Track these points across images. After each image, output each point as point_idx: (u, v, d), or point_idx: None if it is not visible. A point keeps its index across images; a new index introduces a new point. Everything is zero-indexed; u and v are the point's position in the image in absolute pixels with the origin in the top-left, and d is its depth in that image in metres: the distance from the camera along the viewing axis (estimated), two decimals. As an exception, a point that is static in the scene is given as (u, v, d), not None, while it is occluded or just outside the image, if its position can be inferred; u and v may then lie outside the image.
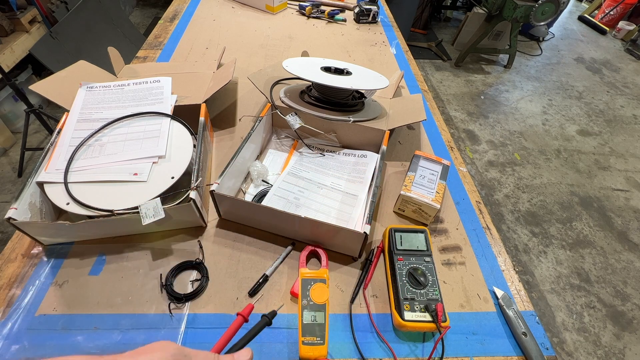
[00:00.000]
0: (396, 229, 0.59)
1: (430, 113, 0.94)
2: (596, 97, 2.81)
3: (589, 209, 1.92)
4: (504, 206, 1.89)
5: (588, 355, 1.36)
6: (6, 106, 1.84)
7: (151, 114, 0.68)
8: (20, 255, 0.56)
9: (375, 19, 1.33)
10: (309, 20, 1.32)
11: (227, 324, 0.50)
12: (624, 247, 1.74)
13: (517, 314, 0.53)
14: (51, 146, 0.62)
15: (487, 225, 0.68)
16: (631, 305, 1.52)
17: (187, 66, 0.87)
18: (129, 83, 0.75)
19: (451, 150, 0.83)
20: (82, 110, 0.68)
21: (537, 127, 2.45)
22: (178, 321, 0.50)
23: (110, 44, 0.85)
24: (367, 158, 0.73)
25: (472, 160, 2.16)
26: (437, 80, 2.83)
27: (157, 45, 1.09)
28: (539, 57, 3.25)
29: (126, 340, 0.48)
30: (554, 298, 1.52)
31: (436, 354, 0.49)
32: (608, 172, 2.16)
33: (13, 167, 1.78)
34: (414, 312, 0.49)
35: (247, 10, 1.34)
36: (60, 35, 1.93)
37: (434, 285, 0.52)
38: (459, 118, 2.47)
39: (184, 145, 0.64)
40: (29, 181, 0.56)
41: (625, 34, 3.59)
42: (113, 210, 0.53)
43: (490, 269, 0.61)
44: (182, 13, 1.28)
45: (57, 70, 0.73)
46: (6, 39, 1.84)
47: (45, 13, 2.06)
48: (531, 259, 1.66)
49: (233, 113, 0.86)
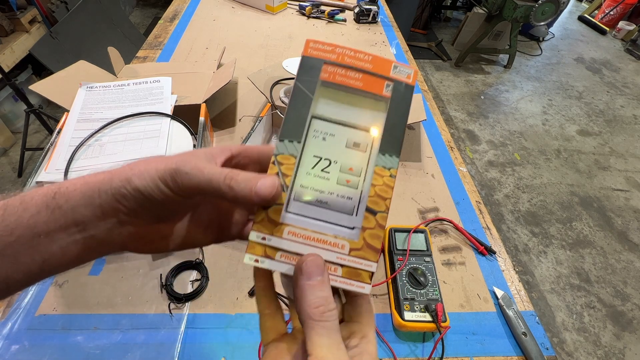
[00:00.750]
0: (396, 229, 0.59)
1: (430, 113, 0.94)
2: (596, 97, 2.81)
3: (589, 209, 1.92)
4: (504, 206, 1.89)
5: (588, 355, 1.36)
6: (6, 106, 1.84)
7: (151, 114, 0.68)
8: (20, 255, 0.56)
9: (375, 19, 1.33)
10: (309, 20, 1.32)
11: (227, 324, 0.51)
12: (624, 247, 1.74)
13: (517, 314, 0.53)
14: (51, 146, 0.62)
15: (487, 225, 0.68)
16: (631, 305, 1.52)
17: (187, 66, 0.87)
18: (129, 83, 0.75)
19: (451, 150, 0.83)
20: (82, 110, 0.68)
21: (537, 127, 2.45)
22: (178, 321, 0.50)
23: (110, 44, 0.85)
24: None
25: (472, 160, 2.16)
26: (437, 80, 2.83)
27: (157, 45, 1.09)
28: (539, 57, 3.25)
29: (126, 340, 0.48)
30: (554, 298, 1.52)
31: (436, 354, 0.49)
32: (608, 172, 2.16)
33: (13, 167, 1.78)
34: (414, 312, 0.49)
35: (247, 10, 1.34)
36: (60, 35, 1.93)
37: (434, 285, 0.52)
38: (459, 118, 2.47)
39: (184, 145, 0.64)
40: (29, 181, 0.56)
41: (625, 34, 3.60)
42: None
43: (490, 269, 0.61)
44: (182, 13, 1.28)
45: (57, 70, 0.73)
46: (6, 39, 1.84)
47: (45, 13, 2.06)
48: (531, 259, 1.66)
49: (233, 113, 0.86)
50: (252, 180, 0.20)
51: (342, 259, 0.23)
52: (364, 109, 0.25)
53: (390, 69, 0.25)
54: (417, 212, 0.69)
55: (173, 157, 0.22)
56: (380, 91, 0.25)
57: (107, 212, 0.21)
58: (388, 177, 0.24)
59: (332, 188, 0.23)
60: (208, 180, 0.20)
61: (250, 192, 0.20)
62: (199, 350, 0.48)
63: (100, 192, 0.21)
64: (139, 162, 0.22)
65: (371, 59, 0.25)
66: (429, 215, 0.68)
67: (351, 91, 0.25)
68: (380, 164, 0.24)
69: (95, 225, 0.22)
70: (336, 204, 0.23)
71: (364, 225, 0.23)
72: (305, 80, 0.24)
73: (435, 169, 0.78)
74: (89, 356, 0.46)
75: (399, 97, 0.25)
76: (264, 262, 0.22)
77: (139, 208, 0.22)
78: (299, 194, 0.23)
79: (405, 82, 0.25)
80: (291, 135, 0.24)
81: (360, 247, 0.23)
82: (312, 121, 0.24)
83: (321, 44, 0.25)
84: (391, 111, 0.25)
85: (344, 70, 0.25)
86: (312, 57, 0.25)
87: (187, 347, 0.48)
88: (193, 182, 0.20)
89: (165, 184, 0.21)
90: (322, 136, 0.24)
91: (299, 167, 0.23)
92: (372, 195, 0.24)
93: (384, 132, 0.24)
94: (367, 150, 0.24)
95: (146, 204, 0.21)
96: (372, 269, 0.23)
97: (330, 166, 0.24)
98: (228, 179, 0.20)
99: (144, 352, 0.47)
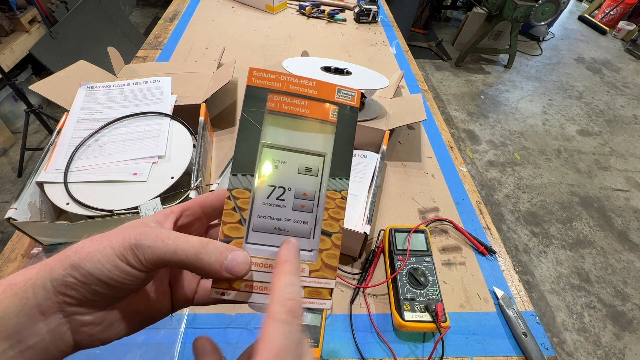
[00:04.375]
0: (396, 229, 0.59)
1: (431, 113, 0.93)
2: (596, 97, 2.80)
3: (589, 209, 1.92)
4: (504, 206, 1.89)
5: (588, 355, 1.36)
6: (6, 106, 1.84)
7: (151, 114, 0.68)
8: (20, 255, 0.56)
9: (375, 18, 1.33)
10: (309, 20, 1.32)
11: (227, 324, 0.51)
12: (624, 247, 1.74)
13: (517, 314, 0.53)
14: (51, 146, 0.62)
15: (487, 225, 0.68)
16: (631, 305, 1.52)
17: (187, 66, 0.87)
18: (129, 83, 0.75)
19: (451, 150, 0.83)
20: (82, 110, 0.68)
21: (537, 127, 2.45)
22: (178, 321, 0.50)
23: (110, 44, 0.85)
24: (367, 158, 0.73)
25: (472, 160, 2.16)
26: (437, 80, 2.83)
27: (157, 45, 1.09)
28: (539, 57, 3.25)
29: (126, 340, 0.48)
30: (554, 298, 1.52)
31: (436, 354, 0.49)
32: (608, 172, 2.16)
33: (13, 167, 1.78)
34: (414, 312, 0.49)
35: (247, 10, 1.34)
36: (60, 35, 1.93)
37: (434, 285, 0.52)
38: (459, 118, 2.47)
39: (183, 145, 0.64)
40: (28, 181, 0.55)
41: (625, 34, 3.59)
42: (113, 210, 0.53)
43: (490, 269, 0.61)
44: (182, 13, 1.28)
45: (57, 70, 0.73)
46: (6, 39, 1.85)
47: (45, 13, 2.06)
48: (531, 259, 1.66)
49: (233, 113, 0.86)
50: (223, 254, 0.19)
51: (304, 281, 0.24)
52: (313, 134, 0.25)
53: (335, 93, 0.26)
54: (417, 212, 0.69)
55: (125, 232, 0.19)
56: (326, 117, 0.26)
57: (48, 310, 0.18)
58: (340, 199, 0.25)
59: (288, 215, 0.24)
60: (173, 253, 0.19)
61: (220, 268, 0.19)
62: (199, 350, 0.48)
63: (35, 289, 0.18)
64: (83, 243, 0.19)
65: (315, 84, 0.26)
66: (429, 215, 0.68)
67: (298, 118, 0.25)
68: (332, 187, 0.25)
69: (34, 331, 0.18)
70: (294, 230, 0.24)
71: (320, 247, 0.24)
72: (252, 111, 0.25)
73: (435, 169, 0.78)
74: (89, 356, 0.46)
75: (345, 120, 0.26)
76: (230, 295, 0.23)
77: (90, 295, 0.18)
78: (257, 225, 0.24)
79: (350, 104, 0.26)
80: (244, 168, 0.24)
81: (319, 268, 0.24)
82: (263, 150, 0.25)
83: (265, 73, 0.25)
84: (338, 135, 0.26)
85: (289, 99, 0.25)
86: (256, 86, 0.25)
87: (187, 347, 0.48)
88: (157, 256, 0.19)
89: (127, 262, 0.18)
90: (274, 164, 0.24)
91: (254, 200, 0.24)
92: (326, 218, 0.25)
93: (332, 157, 0.25)
94: (318, 173, 0.25)
95: (101, 289, 0.18)
96: (332, 285, 0.24)
97: (285, 194, 0.24)
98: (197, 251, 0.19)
99: (144, 352, 0.47)
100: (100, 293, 0.19)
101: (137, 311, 0.22)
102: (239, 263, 0.20)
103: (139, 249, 0.18)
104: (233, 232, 0.23)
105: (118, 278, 0.18)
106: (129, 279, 0.19)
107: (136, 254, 0.18)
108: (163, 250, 0.19)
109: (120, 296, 0.21)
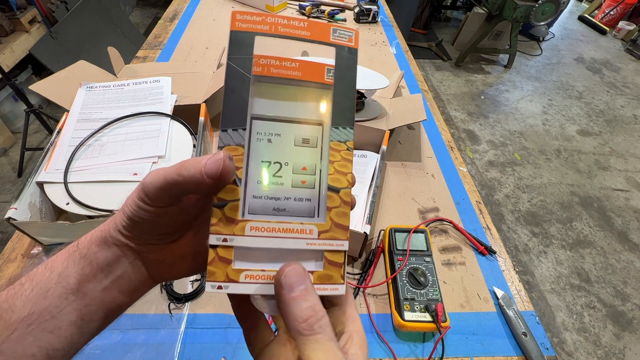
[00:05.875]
0: (396, 229, 0.59)
1: (430, 113, 0.93)
2: (596, 97, 2.80)
3: (589, 209, 1.92)
4: (504, 206, 1.89)
5: (588, 355, 1.36)
6: (6, 106, 1.84)
7: (151, 114, 0.68)
8: (20, 255, 0.56)
9: (375, 18, 1.33)
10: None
11: (227, 324, 0.51)
12: (624, 247, 1.74)
13: (517, 314, 0.53)
14: (51, 146, 0.62)
15: (487, 225, 0.68)
16: (631, 305, 1.52)
17: (187, 66, 0.87)
18: (129, 83, 0.75)
19: (451, 150, 0.83)
20: (82, 110, 0.68)
21: (537, 127, 2.45)
22: (178, 321, 0.50)
23: (110, 44, 0.85)
24: (367, 158, 0.73)
25: (472, 160, 2.16)
26: (437, 80, 2.83)
27: (157, 45, 1.09)
28: (539, 57, 3.25)
29: (126, 340, 0.48)
30: (554, 298, 1.52)
31: (436, 354, 0.49)
32: (608, 172, 2.16)
33: (13, 167, 1.78)
34: (414, 312, 0.49)
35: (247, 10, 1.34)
36: (60, 35, 1.93)
37: (434, 285, 0.52)
38: (459, 118, 2.47)
39: (183, 145, 0.64)
40: (28, 181, 0.55)
41: (625, 34, 3.59)
42: (113, 210, 0.53)
43: (490, 269, 0.61)
44: (182, 13, 1.28)
45: (57, 70, 0.73)
46: (6, 39, 1.85)
47: (45, 13, 2.06)
48: (531, 259, 1.66)
49: (233, 113, 0.86)
50: (200, 162, 0.20)
51: (313, 244, 0.21)
52: (307, 100, 0.23)
53: (330, 33, 0.23)
54: (417, 212, 0.69)
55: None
56: (321, 78, 0.23)
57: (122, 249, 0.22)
58: (345, 150, 0.22)
59: (287, 193, 0.22)
60: (164, 179, 0.20)
61: (202, 175, 0.19)
62: (199, 350, 0.48)
63: (111, 232, 0.22)
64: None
65: (307, 25, 0.23)
66: (429, 215, 0.68)
67: (290, 82, 0.22)
68: (335, 138, 0.22)
69: (119, 263, 0.22)
70: (295, 209, 0.22)
71: (328, 205, 0.22)
72: (238, 58, 0.22)
73: (435, 169, 0.78)
74: (89, 356, 0.46)
75: (344, 63, 0.23)
76: (228, 287, 0.20)
77: (140, 233, 0.22)
78: (254, 207, 0.21)
79: (348, 45, 0.23)
80: (234, 122, 0.21)
81: (328, 228, 0.21)
82: (253, 123, 0.22)
83: (249, 15, 0.22)
84: (337, 81, 0.23)
85: (278, 61, 0.23)
86: (241, 31, 0.22)
87: (187, 347, 0.48)
88: (157, 188, 0.21)
89: (142, 200, 0.21)
90: (266, 138, 0.22)
91: (249, 157, 0.21)
92: (332, 172, 0.22)
93: (333, 105, 0.23)
94: (317, 144, 0.22)
95: (143, 226, 0.22)
96: (344, 247, 0.21)
97: (281, 169, 0.22)
98: (177, 167, 0.20)
99: (144, 352, 0.47)
100: (145, 229, 0.22)
101: (198, 252, 0.24)
102: (216, 160, 0.19)
103: (145, 188, 0.21)
104: (227, 194, 0.21)
105: (144, 216, 0.21)
106: (154, 216, 0.21)
107: (145, 191, 0.21)
108: (159, 181, 0.21)
109: (166, 232, 0.23)
